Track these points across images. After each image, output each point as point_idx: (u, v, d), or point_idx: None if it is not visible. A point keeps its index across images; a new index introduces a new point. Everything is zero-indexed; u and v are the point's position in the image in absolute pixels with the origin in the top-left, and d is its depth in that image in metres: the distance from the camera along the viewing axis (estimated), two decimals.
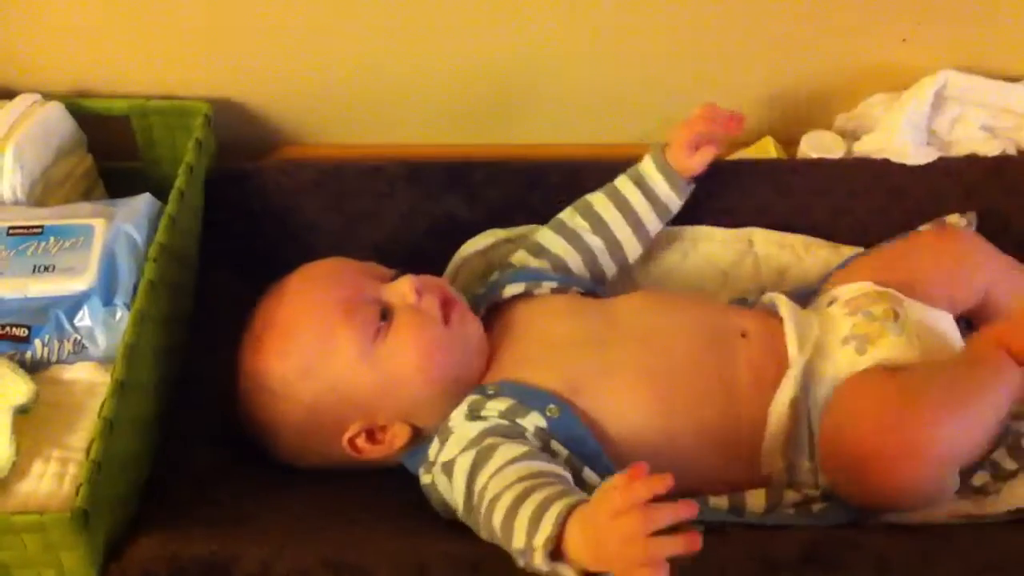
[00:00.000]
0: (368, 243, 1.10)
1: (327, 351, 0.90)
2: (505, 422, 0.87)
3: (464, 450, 0.86)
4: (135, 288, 0.92)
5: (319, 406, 0.91)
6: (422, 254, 1.09)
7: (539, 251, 1.03)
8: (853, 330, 0.91)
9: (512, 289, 0.99)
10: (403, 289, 0.93)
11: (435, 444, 0.89)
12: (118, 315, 0.91)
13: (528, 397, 0.88)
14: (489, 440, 0.85)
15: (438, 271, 1.07)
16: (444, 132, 1.20)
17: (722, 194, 1.09)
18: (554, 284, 1.00)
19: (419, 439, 0.92)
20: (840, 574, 0.78)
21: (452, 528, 0.87)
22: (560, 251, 1.03)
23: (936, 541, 0.81)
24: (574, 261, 1.03)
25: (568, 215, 1.05)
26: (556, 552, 0.72)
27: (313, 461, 0.95)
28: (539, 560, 0.72)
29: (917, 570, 0.78)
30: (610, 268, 1.05)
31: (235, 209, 1.10)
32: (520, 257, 1.04)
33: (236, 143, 1.17)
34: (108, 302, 0.91)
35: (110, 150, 1.15)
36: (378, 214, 1.10)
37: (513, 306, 0.99)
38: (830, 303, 0.97)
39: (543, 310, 0.98)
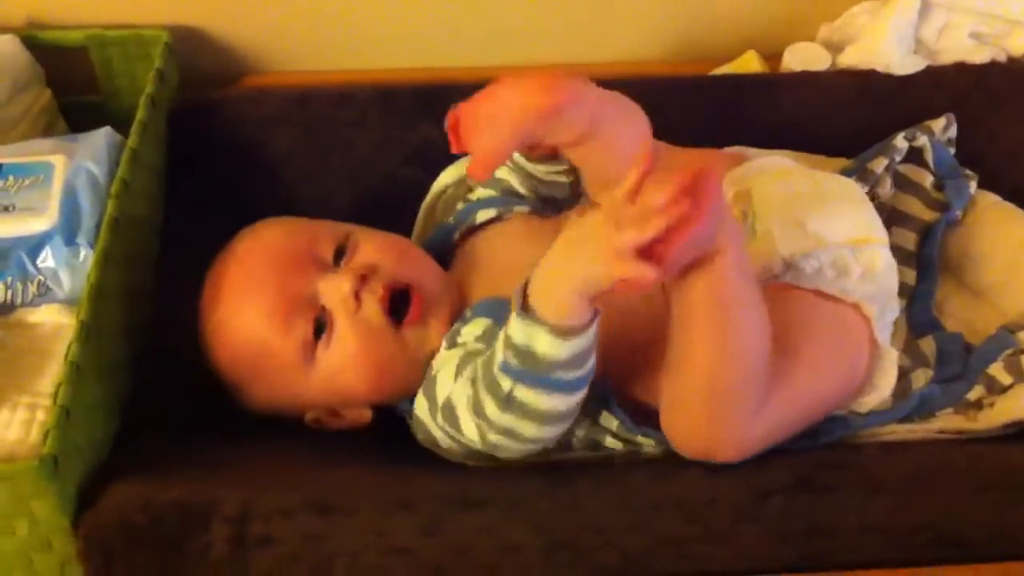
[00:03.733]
0: (342, 174, 1.07)
1: (268, 365, 0.87)
2: (482, 346, 0.83)
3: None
4: (98, 226, 0.88)
5: (275, 400, 0.89)
6: (398, 184, 1.06)
7: (492, 182, 0.98)
8: None
9: (485, 214, 0.96)
10: (341, 291, 0.85)
11: (419, 398, 0.85)
12: (82, 255, 0.88)
13: (503, 312, 0.83)
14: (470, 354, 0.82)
15: (416, 200, 1.04)
16: (416, 56, 1.16)
17: (704, 110, 1.06)
18: (525, 209, 0.96)
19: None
20: (832, 497, 0.77)
21: (438, 465, 0.85)
22: (506, 176, 0.98)
23: (930, 461, 0.79)
24: (522, 185, 0.98)
25: None
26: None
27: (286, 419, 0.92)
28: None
29: (911, 491, 0.77)
30: (558, 191, 0.98)
31: (201, 142, 1.06)
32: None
33: (198, 73, 1.13)
34: (71, 241, 0.88)
35: (69, 84, 1.11)
36: (351, 143, 1.06)
37: (480, 233, 0.96)
38: None
39: (507, 234, 0.94)
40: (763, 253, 0.85)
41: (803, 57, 1.11)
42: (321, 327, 0.86)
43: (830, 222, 0.87)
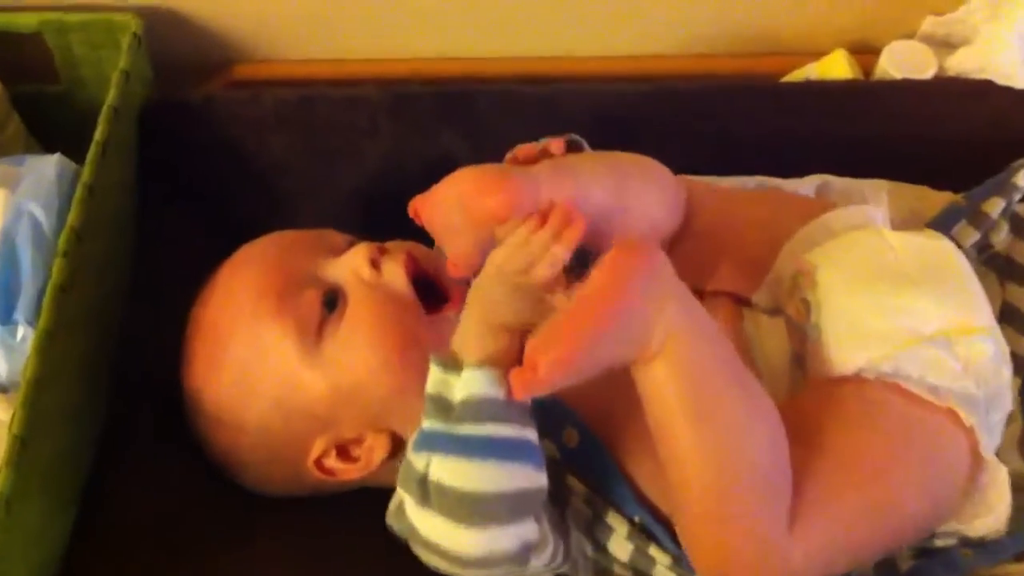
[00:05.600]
0: (346, 190, 0.94)
1: (260, 357, 0.74)
2: None
3: None
4: (42, 293, 0.74)
5: (268, 427, 0.75)
6: None
7: None
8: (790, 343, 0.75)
9: None
10: (355, 262, 0.75)
11: None
12: (19, 334, 0.75)
13: (541, 413, 0.68)
14: None
15: None
16: (433, 44, 1.03)
17: (776, 124, 0.93)
18: None
19: (404, 447, 0.74)
20: None
21: None
22: None
23: None
24: None
25: None
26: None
27: (285, 489, 0.79)
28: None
29: None
30: None
31: (180, 152, 0.94)
32: None
33: (176, 63, 0.99)
34: (7, 319, 0.75)
35: (25, 71, 0.98)
36: (357, 154, 0.95)
37: None
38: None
39: None
40: (827, 359, 0.71)
41: (904, 60, 0.98)
42: (333, 304, 0.75)
43: (916, 311, 0.71)
